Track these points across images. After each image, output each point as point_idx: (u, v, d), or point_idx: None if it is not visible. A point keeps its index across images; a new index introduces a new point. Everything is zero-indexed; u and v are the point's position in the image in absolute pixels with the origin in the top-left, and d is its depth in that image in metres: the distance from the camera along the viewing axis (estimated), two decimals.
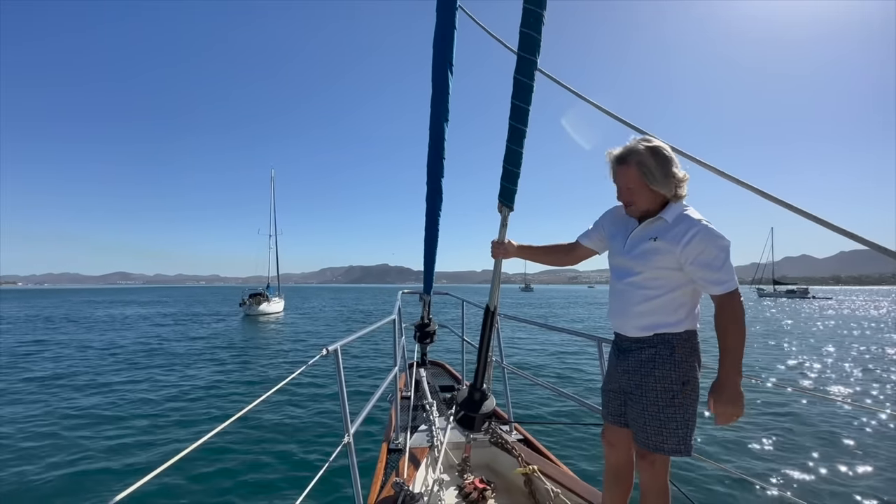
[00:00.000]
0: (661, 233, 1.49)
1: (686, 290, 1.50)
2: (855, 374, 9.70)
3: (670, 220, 1.48)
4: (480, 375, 2.05)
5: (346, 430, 1.74)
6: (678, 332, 1.51)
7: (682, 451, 1.48)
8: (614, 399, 1.68)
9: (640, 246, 1.54)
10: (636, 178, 1.50)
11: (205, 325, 21.71)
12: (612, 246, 1.71)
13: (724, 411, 1.39)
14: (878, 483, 4.40)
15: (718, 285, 1.39)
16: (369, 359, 11.24)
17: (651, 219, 1.54)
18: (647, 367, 1.53)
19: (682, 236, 1.42)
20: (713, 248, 1.39)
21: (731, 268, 1.40)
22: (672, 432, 1.48)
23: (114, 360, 11.55)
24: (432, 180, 3.15)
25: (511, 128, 1.85)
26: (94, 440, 5.55)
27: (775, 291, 67.32)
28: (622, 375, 1.62)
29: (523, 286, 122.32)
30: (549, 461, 2.40)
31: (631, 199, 1.55)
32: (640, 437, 1.54)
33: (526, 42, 1.76)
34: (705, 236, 1.39)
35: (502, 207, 1.92)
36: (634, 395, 1.56)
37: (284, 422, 6.15)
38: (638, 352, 1.57)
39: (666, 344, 1.51)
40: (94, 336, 17.10)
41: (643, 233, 1.55)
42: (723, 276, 1.38)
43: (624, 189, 1.56)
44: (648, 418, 1.51)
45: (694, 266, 1.42)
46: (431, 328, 3.91)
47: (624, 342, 1.64)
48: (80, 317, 27.46)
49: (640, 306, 1.53)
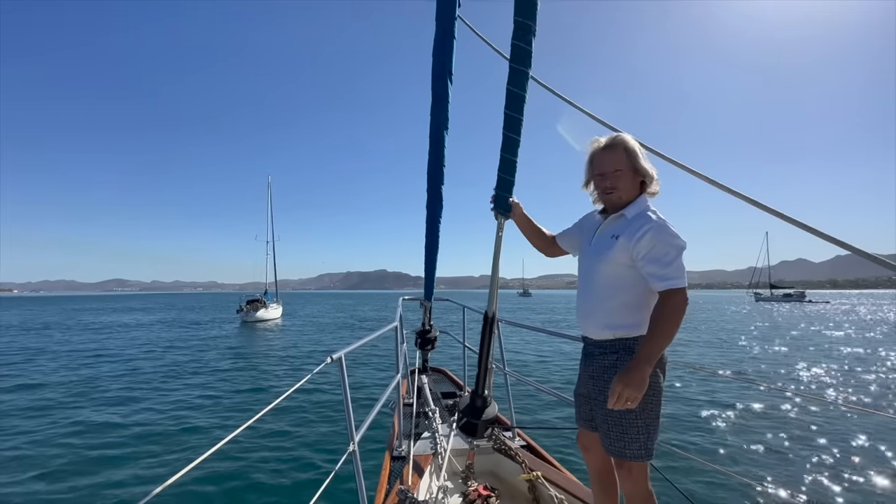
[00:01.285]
0: (620, 230, 1.53)
1: (643, 289, 1.52)
2: (857, 377, 9.73)
3: (630, 216, 1.53)
4: (482, 382, 2.06)
5: (351, 437, 1.74)
6: (638, 337, 1.52)
7: (643, 457, 1.49)
8: (584, 404, 1.70)
9: (602, 244, 1.58)
10: (623, 161, 1.55)
11: (202, 332, 21.57)
12: (581, 247, 1.75)
13: (622, 392, 1.35)
14: (875, 485, 4.41)
15: (663, 280, 1.40)
16: (370, 366, 11.19)
17: (613, 216, 1.59)
18: (609, 372, 1.55)
19: (636, 231, 1.46)
20: (664, 244, 1.42)
21: (680, 266, 1.41)
22: (633, 438, 1.49)
23: (110, 370, 11.46)
24: (432, 187, 3.18)
25: (505, 137, 1.88)
26: (85, 452, 5.50)
27: (772, 296, 67.48)
28: (587, 381, 1.65)
29: (521, 291, 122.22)
30: (552, 467, 2.40)
31: (615, 184, 1.56)
32: (605, 442, 1.56)
33: (517, 54, 1.80)
34: (658, 232, 1.43)
35: (498, 215, 1.95)
36: (598, 400, 1.58)
37: (288, 430, 6.11)
38: (601, 357, 1.59)
39: (627, 350, 1.53)
40: (89, 345, 16.96)
41: (606, 230, 1.60)
42: (670, 272, 1.40)
43: (611, 173, 1.56)
44: (611, 424, 1.52)
45: (644, 261, 1.45)
46: (433, 335, 3.91)
47: (589, 346, 1.66)
48: (75, 324, 27.25)
49: (601, 305, 1.57)
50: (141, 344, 16.93)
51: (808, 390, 8.64)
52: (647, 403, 1.49)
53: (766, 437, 5.74)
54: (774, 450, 5.35)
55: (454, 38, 2.67)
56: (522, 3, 1.73)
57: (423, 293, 3.84)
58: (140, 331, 22.76)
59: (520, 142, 1.90)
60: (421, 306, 3.93)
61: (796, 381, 9.45)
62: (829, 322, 26.44)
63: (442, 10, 2.61)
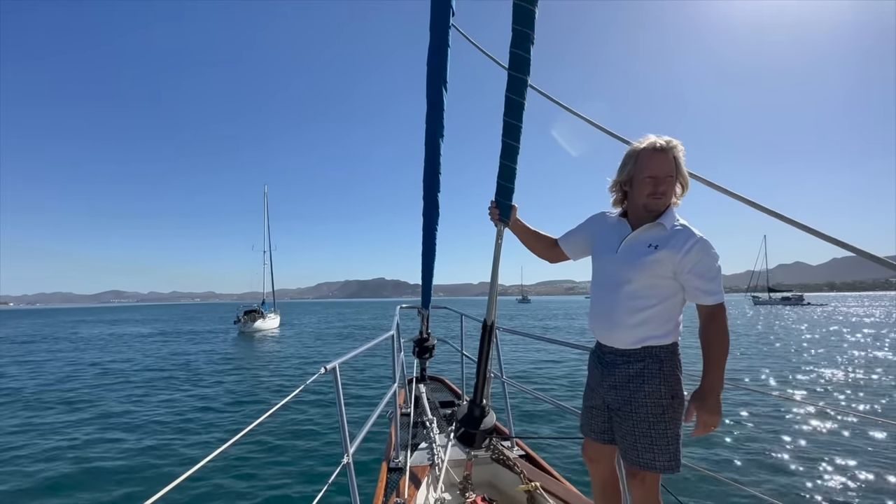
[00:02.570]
0: (660, 241, 1.48)
1: (676, 300, 1.51)
2: (851, 381, 9.69)
3: (668, 226, 1.48)
4: (480, 391, 2.03)
5: (346, 449, 1.70)
6: (665, 345, 1.50)
7: (673, 468, 1.46)
8: (598, 415, 1.64)
9: (636, 252, 1.51)
10: (673, 167, 1.50)
11: (199, 344, 21.41)
12: (600, 252, 1.66)
13: (707, 420, 1.39)
14: (868, 490, 4.35)
15: (711, 295, 1.43)
16: (367, 375, 11.10)
17: (648, 224, 1.52)
18: (637, 382, 1.49)
19: (682, 244, 1.44)
20: (710, 259, 1.44)
21: (721, 281, 1.45)
22: (663, 449, 1.46)
23: (106, 381, 11.33)
24: (428, 195, 3.18)
25: (504, 144, 1.88)
26: (82, 462, 5.41)
27: (770, 299, 67.57)
28: (608, 391, 1.57)
29: (520, 298, 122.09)
30: (551, 477, 2.36)
31: (665, 188, 1.50)
32: (631, 454, 1.51)
33: (516, 61, 1.80)
34: (703, 247, 1.44)
35: (497, 222, 1.94)
36: (623, 411, 1.52)
37: (282, 442, 6.02)
38: (625, 366, 1.52)
39: (654, 357, 1.49)
40: (87, 355, 16.80)
41: (642, 237, 1.53)
42: (715, 287, 1.43)
43: (664, 178, 1.49)
44: (639, 435, 1.48)
45: (690, 275, 1.43)
46: (430, 343, 3.88)
47: (608, 354, 1.59)
48: (72, 337, 27.02)
49: (633, 317, 1.50)
50: (138, 355, 16.77)
51: (812, 394, 8.59)
52: (674, 414, 1.48)
53: (774, 447, 5.69)
54: (783, 459, 5.30)
55: (448, 46, 2.69)
56: (521, 12, 1.74)
57: (421, 301, 3.81)
58: (137, 342, 22.57)
59: (519, 149, 1.90)
60: (419, 314, 3.90)
61: (796, 384, 9.41)
62: (846, 326, 26.39)
63: (436, 19, 2.63)
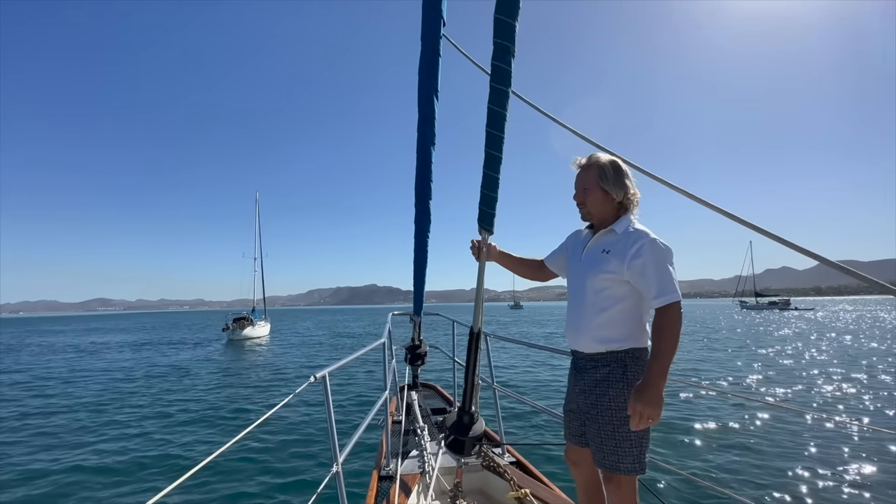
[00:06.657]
0: (611, 245, 1.57)
1: (632, 303, 1.55)
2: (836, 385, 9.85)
3: (620, 231, 1.57)
4: (468, 398, 2.04)
5: (335, 459, 1.70)
6: (629, 350, 1.55)
7: (636, 470, 1.50)
8: (574, 419, 1.71)
9: (592, 258, 1.62)
10: (593, 179, 1.63)
11: (186, 352, 21.04)
12: (570, 262, 1.79)
13: (642, 411, 1.36)
14: (862, 492, 4.42)
15: (659, 297, 1.43)
16: (358, 383, 11.00)
17: (602, 231, 1.64)
18: (602, 386, 1.55)
19: (629, 248, 1.49)
20: (657, 259, 1.45)
21: (673, 281, 1.43)
22: (627, 451, 1.50)
23: (91, 391, 11.08)
24: (420, 202, 3.19)
25: (487, 155, 1.91)
26: (67, 473, 5.27)
27: (758, 304, 68.55)
28: (579, 395, 1.65)
29: (513, 304, 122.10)
30: (542, 484, 2.37)
31: (584, 198, 1.66)
32: (598, 456, 1.56)
33: (497, 73, 1.84)
34: (651, 248, 1.46)
35: (482, 231, 1.96)
36: (590, 414, 1.58)
37: (270, 452, 5.92)
38: (592, 371, 1.60)
39: (618, 363, 1.55)
40: (69, 364, 16.42)
41: (596, 244, 1.64)
42: (665, 287, 1.42)
43: (580, 189, 1.68)
44: (605, 438, 1.53)
45: (638, 276, 1.48)
46: (422, 350, 3.87)
47: (580, 360, 1.67)
48: (55, 346, 26.38)
49: (593, 320, 1.58)
50: (122, 366, 16.43)
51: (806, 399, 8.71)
52: None
53: (757, 452, 5.75)
54: (766, 464, 5.36)
55: (440, 56, 2.73)
56: (501, 26, 1.78)
57: (413, 308, 3.81)
58: (121, 352, 22.11)
59: (502, 159, 1.93)
60: (411, 321, 3.90)
61: (793, 388, 9.54)
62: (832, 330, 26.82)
63: (427, 29, 2.67)
